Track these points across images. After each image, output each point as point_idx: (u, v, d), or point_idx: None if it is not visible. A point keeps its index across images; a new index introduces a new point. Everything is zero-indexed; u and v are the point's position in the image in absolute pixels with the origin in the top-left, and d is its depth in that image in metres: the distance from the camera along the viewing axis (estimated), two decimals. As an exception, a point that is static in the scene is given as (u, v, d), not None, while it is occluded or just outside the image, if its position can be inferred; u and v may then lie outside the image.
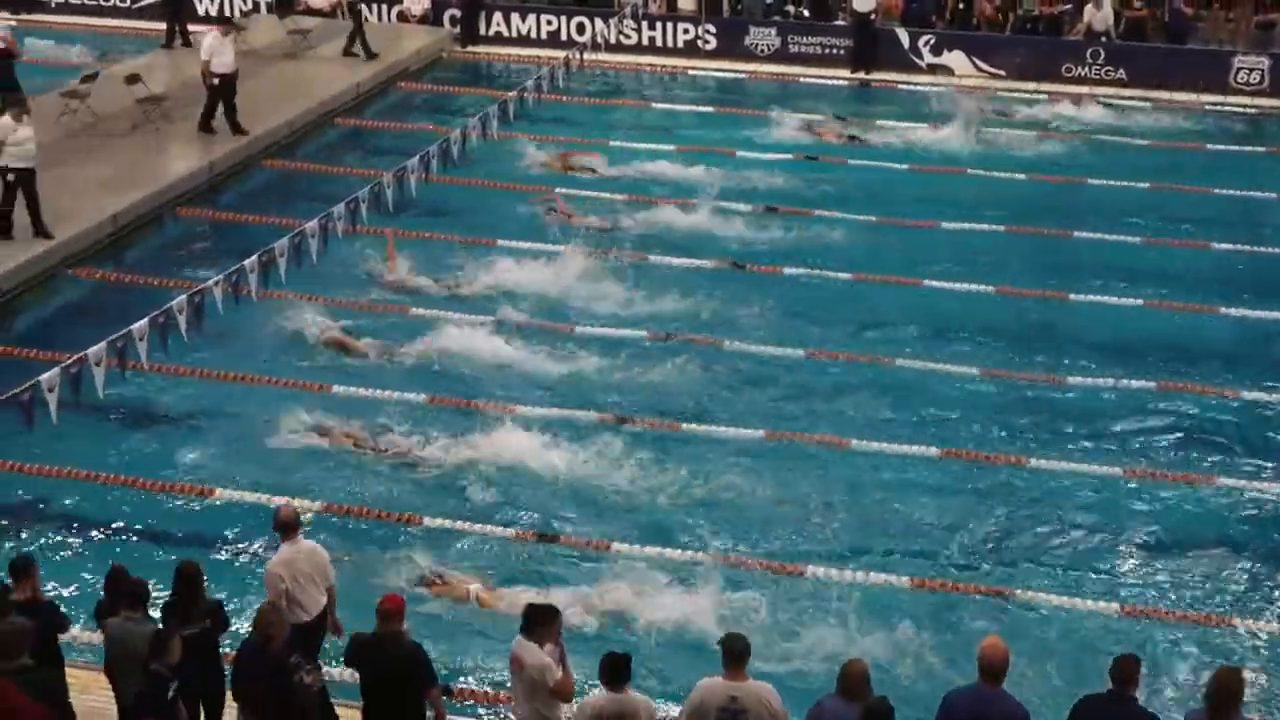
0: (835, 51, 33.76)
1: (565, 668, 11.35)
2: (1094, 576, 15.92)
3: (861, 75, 33.09)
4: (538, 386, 19.33)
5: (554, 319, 21.12)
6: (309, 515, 15.92)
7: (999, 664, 10.61)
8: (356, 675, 11.76)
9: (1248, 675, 12.10)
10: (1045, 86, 32.44)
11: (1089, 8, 32.98)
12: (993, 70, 33.11)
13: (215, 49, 26.49)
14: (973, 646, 11.20)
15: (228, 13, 34.84)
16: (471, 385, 19.28)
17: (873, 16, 33.37)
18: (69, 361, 16.63)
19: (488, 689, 13.74)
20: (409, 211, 24.01)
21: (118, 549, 15.59)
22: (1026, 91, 32.21)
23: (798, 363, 20.14)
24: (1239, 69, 32.21)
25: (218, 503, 16.63)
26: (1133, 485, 17.51)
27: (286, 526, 12.73)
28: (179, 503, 16.69)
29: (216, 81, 26.55)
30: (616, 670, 10.83)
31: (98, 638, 12.32)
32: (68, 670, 11.93)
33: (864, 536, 16.53)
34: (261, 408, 18.56)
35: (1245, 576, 15.97)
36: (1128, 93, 32.28)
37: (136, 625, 11.49)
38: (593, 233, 24.01)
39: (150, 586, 11.94)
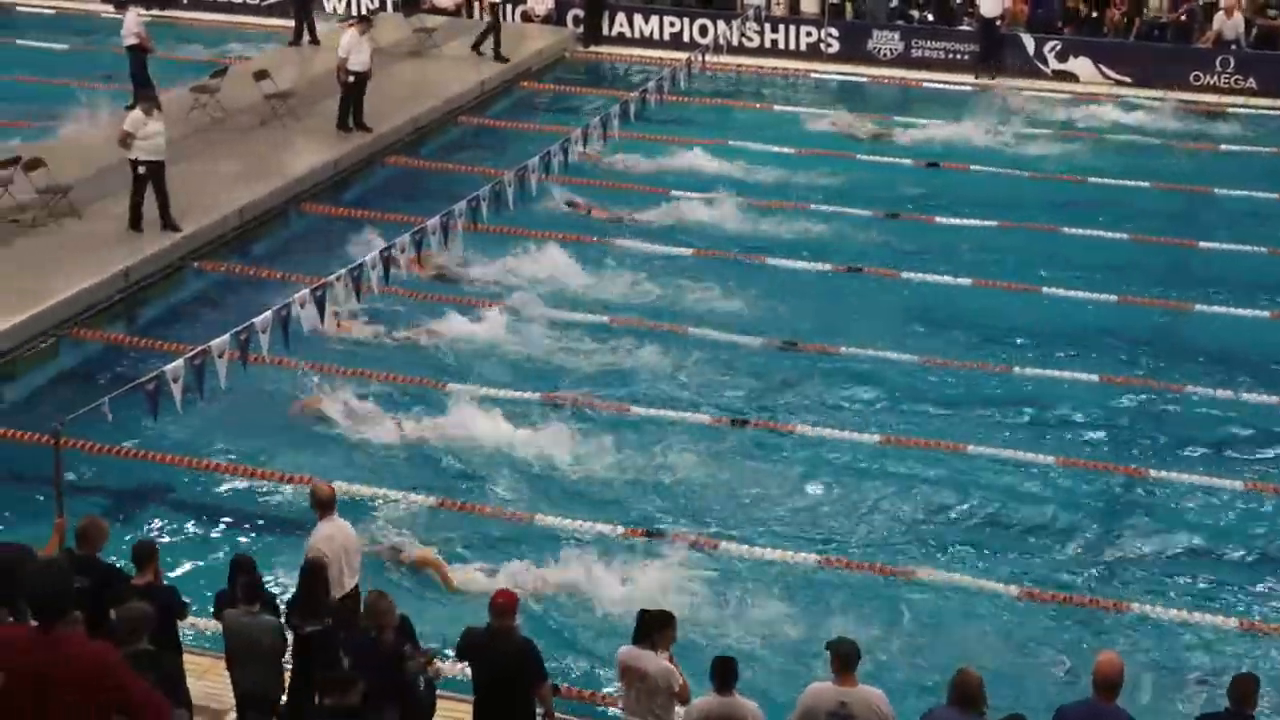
0: (959, 56, 33.51)
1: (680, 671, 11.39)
2: (1212, 591, 15.69)
3: (985, 80, 32.79)
4: (658, 380, 19.51)
5: (669, 320, 21.15)
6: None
7: (1114, 679, 10.47)
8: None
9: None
10: (1172, 94, 31.98)
11: (1219, 15, 32.45)
12: (1118, 77, 32.70)
13: (352, 46, 26.75)
14: (1088, 660, 11.09)
15: (355, 11, 35.18)
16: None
17: (998, 22, 33.08)
18: (193, 352, 16.87)
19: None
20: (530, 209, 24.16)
21: (239, 539, 15.82)
22: (1154, 99, 31.82)
23: (912, 368, 20.02)
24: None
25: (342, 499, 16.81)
26: (1254, 499, 17.23)
27: (324, 504, 12.85)
28: (298, 494, 16.89)
29: (352, 79, 26.85)
30: (726, 673, 10.83)
31: (215, 625, 12.49)
32: (185, 656, 12.11)
33: (975, 543, 16.43)
34: (386, 402, 18.76)
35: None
36: (1257, 101, 31.76)
37: (253, 619, 11.64)
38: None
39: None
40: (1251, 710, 10.59)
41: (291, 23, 33.09)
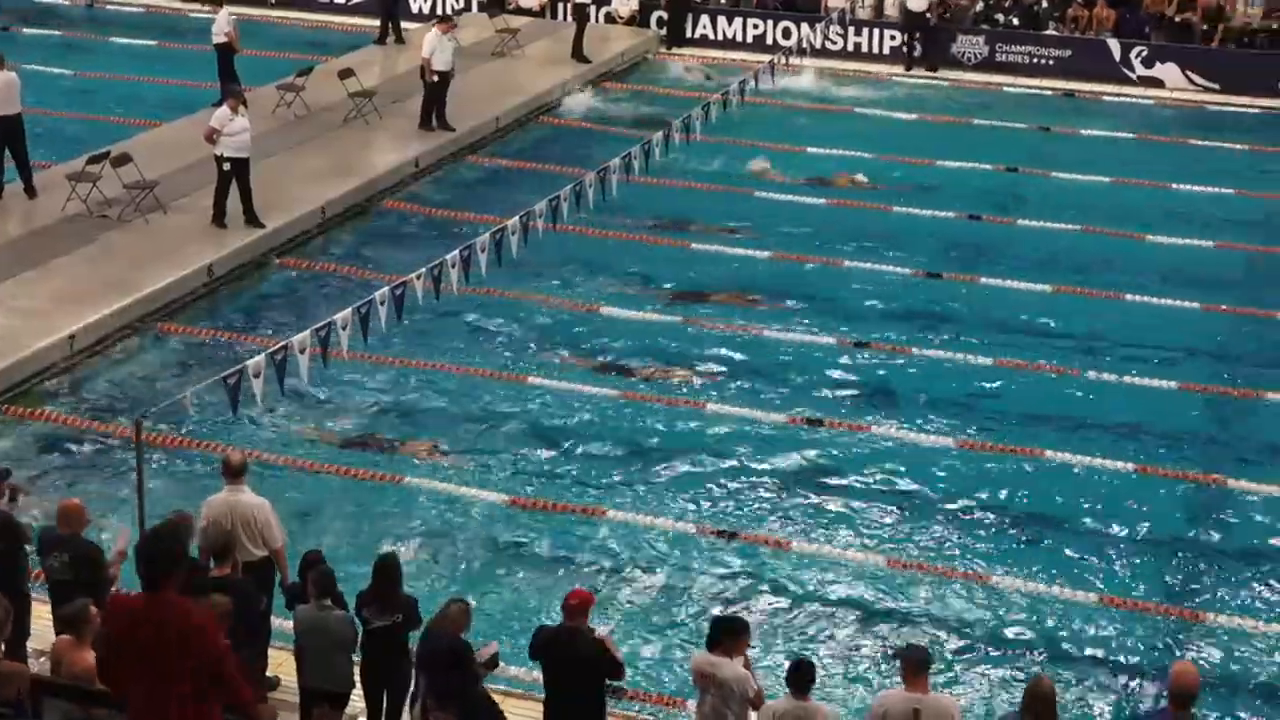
0: (1044, 61, 33.28)
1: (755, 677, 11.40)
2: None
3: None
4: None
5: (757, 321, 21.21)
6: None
7: (1190, 690, 10.37)
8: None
9: None
10: (1260, 101, 31.66)
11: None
12: (1206, 84, 32.37)
13: (436, 46, 26.94)
14: (1164, 670, 11.00)
15: (439, 10, 35.39)
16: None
17: (927, 15, 33.37)
18: (274, 348, 17.00)
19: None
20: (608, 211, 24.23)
21: (313, 536, 15.95)
22: (1238, 106, 31.53)
23: (988, 370, 19.94)
24: None
25: (406, 491, 16.95)
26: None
27: (232, 472, 12.93)
28: (367, 490, 17.01)
29: (435, 78, 27.01)
30: (802, 677, 10.85)
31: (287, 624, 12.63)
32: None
33: (1052, 549, 16.33)
34: (461, 399, 18.86)
35: None
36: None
37: (325, 614, 11.74)
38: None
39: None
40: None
41: (377, 22, 33.38)
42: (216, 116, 22.40)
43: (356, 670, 12.06)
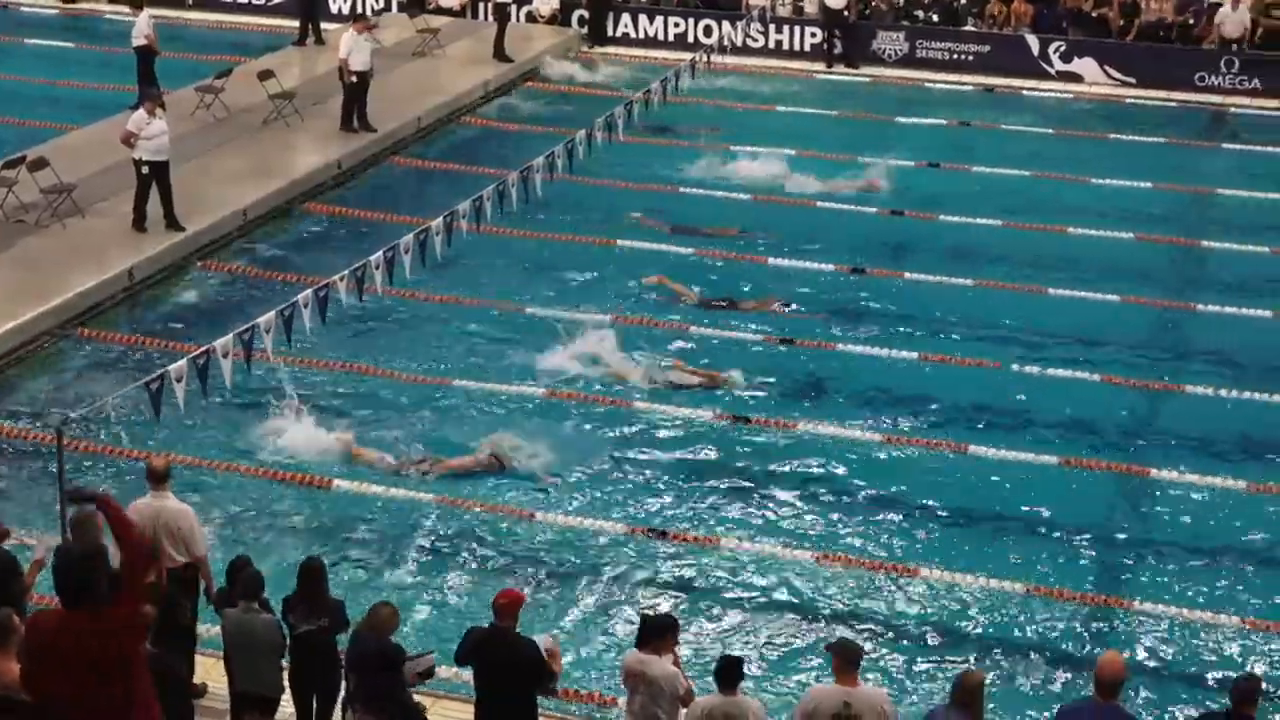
0: (963, 57, 33.52)
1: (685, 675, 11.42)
2: (1213, 590, 15.65)
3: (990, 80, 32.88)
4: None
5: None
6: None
7: (1116, 678, 10.47)
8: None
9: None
10: (1177, 95, 32.05)
11: (1223, 10, 32.50)
12: (1123, 78, 32.70)
13: (353, 46, 26.81)
14: (1089, 659, 11.11)
15: (360, 10, 35.21)
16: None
17: (845, 13, 33.56)
18: (196, 352, 16.87)
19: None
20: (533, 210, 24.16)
21: (239, 540, 15.83)
22: (1155, 99, 31.93)
23: (913, 365, 20.07)
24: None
25: (335, 494, 16.84)
26: (1256, 501, 17.22)
27: (155, 477, 12.79)
28: (300, 493, 16.90)
29: (354, 79, 26.89)
30: (731, 673, 10.85)
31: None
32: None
33: (978, 542, 16.45)
34: (383, 401, 18.76)
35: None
36: (1261, 103, 31.78)
37: (252, 617, 11.66)
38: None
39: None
40: (1252, 711, 10.59)
41: (296, 23, 33.17)
42: (134, 120, 22.19)
43: (286, 674, 11.97)
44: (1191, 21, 33.51)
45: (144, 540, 10.13)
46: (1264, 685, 11.48)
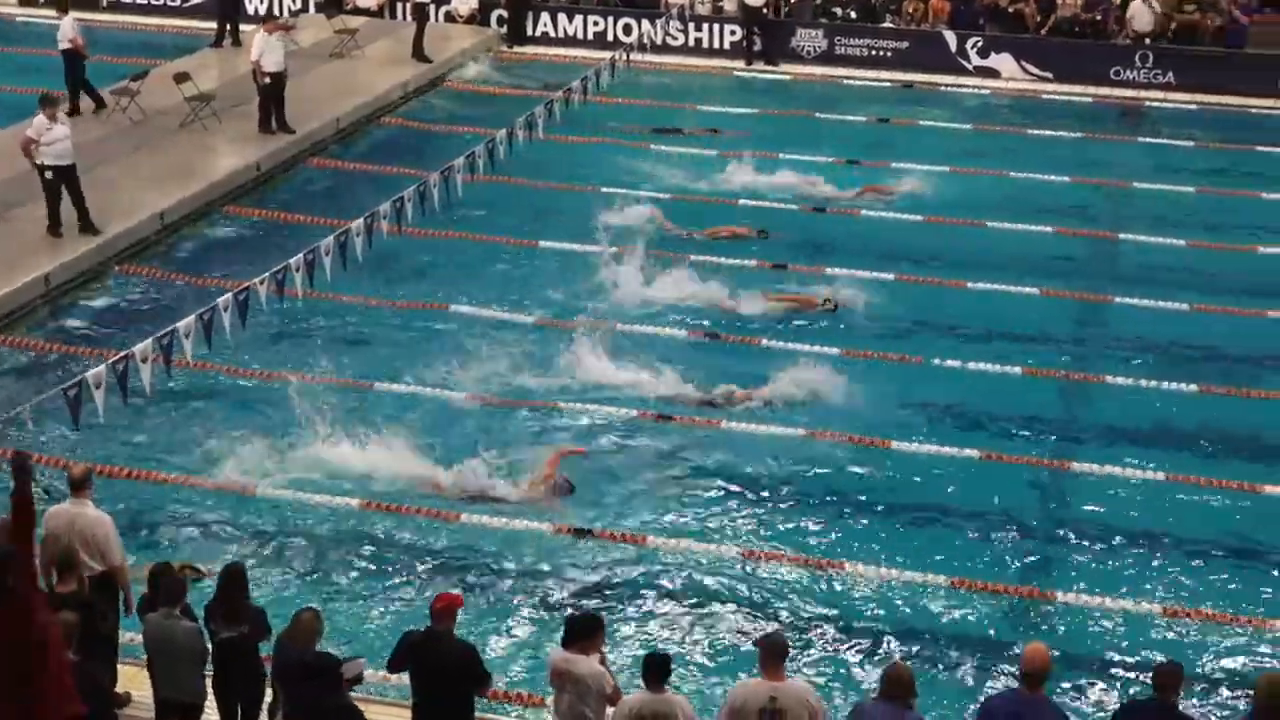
0: (882, 53, 33.72)
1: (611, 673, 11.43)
2: (1135, 579, 15.81)
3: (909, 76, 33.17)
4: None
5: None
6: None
7: (1041, 668, 10.56)
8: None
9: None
10: (1092, 90, 32.40)
11: (1134, 5, 32.89)
12: (1039, 73, 33.00)
13: (265, 48, 26.64)
14: (1013, 651, 11.20)
15: (276, 12, 35.02)
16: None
17: (764, 10, 33.77)
18: (116, 358, 16.73)
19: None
20: (454, 211, 24.07)
21: (159, 547, 15.69)
22: (1071, 94, 32.25)
23: (835, 361, 20.14)
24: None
25: (259, 500, 16.71)
26: (1174, 490, 17.42)
27: (74, 484, 12.67)
28: (221, 500, 16.75)
29: (268, 80, 26.71)
30: (657, 670, 10.86)
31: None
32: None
33: (903, 535, 16.55)
34: (306, 404, 18.64)
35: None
36: (1175, 96, 32.16)
37: (174, 623, 11.56)
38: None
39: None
40: (1175, 698, 10.71)
41: (213, 25, 32.93)
42: (34, 126, 21.86)
43: (210, 682, 11.88)
44: (1099, 17, 33.84)
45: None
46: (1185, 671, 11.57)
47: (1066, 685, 13.79)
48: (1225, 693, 14.00)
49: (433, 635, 11.40)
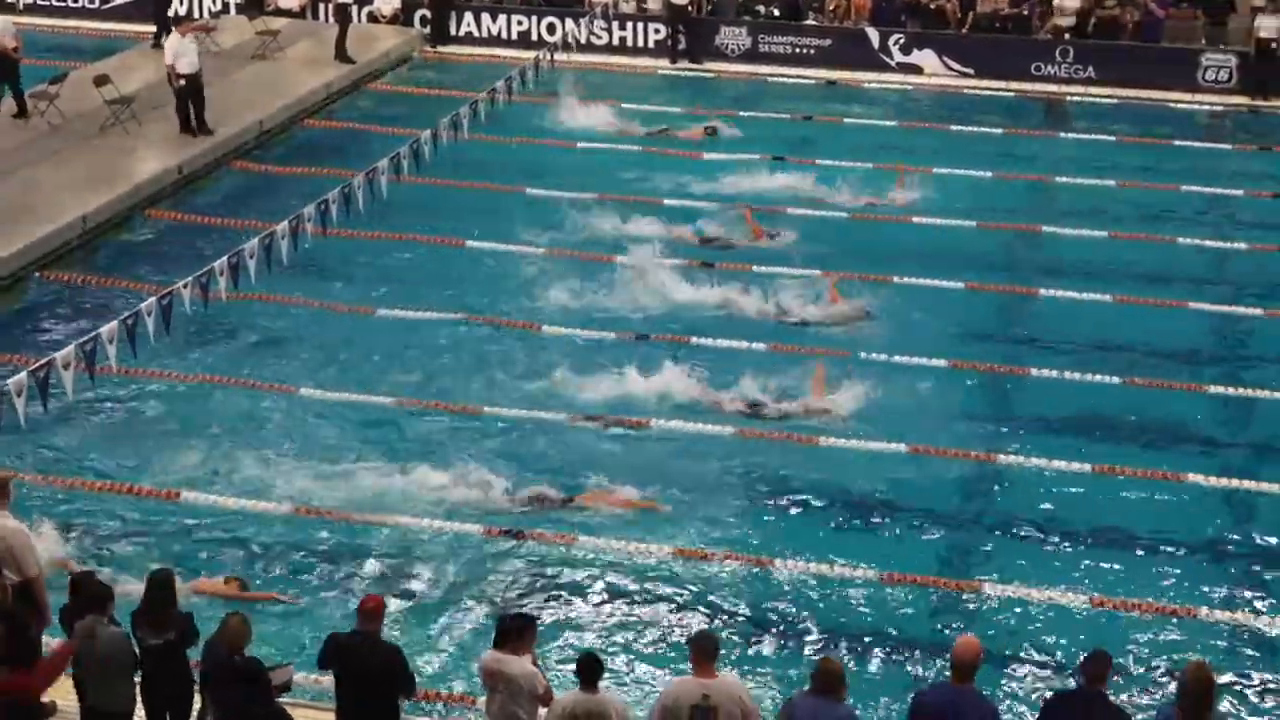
0: (805, 51, 33.83)
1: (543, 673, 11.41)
2: (1064, 570, 15.93)
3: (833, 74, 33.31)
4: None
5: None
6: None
7: (971, 660, 10.63)
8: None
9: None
10: (1014, 85, 32.65)
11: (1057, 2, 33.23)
12: (961, 69, 33.20)
13: (179, 50, 26.41)
14: (943, 643, 11.25)
15: (197, 14, 34.75)
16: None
17: (689, 8, 33.81)
18: (37, 365, 16.54)
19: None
20: (377, 214, 23.94)
21: (86, 554, 15.52)
22: (993, 90, 32.47)
23: (764, 357, 20.21)
24: (1207, 67, 32.44)
25: (186, 507, 16.55)
26: (1100, 481, 17.57)
27: None
28: (148, 507, 16.58)
29: (183, 82, 26.48)
30: (590, 670, 10.87)
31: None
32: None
33: (833, 530, 16.62)
34: (231, 409, 18.52)
35: (1218, 570, 16.08)
36: (1095, 91, 32.46)
37: (102, 630, 11.44)
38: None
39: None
40: (1103, 687, 10.80)
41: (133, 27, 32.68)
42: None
43: (138, 689, 11.77)
44: (1026, 13, 34.08)
45: None
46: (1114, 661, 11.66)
47: (997, 676, 13.88)
48: (1152, 681, 14.14)
49: (359, 636, 11.36)
